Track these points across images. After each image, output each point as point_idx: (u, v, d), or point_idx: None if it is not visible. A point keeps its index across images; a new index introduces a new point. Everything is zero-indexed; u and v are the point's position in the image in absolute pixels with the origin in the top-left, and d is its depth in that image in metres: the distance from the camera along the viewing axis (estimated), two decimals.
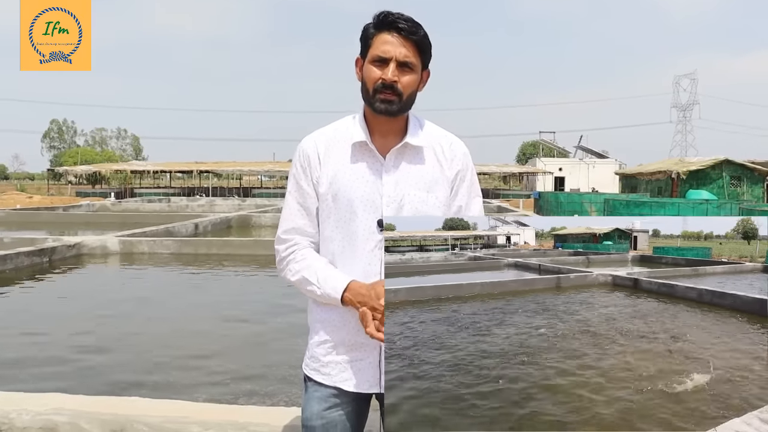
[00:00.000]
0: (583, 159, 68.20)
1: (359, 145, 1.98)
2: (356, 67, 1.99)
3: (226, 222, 20.89)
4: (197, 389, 5.18)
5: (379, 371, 1.98)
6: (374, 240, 1.94)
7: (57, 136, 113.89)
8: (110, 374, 5.67)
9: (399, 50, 1.87)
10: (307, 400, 2.07)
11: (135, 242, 13.78)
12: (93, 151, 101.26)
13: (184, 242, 14.17)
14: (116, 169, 61.85)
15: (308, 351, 2.10)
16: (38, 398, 3.40)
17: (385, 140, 1.98)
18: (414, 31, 1.88)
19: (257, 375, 5.58)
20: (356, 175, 1.96)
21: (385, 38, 1.88)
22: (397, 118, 1.95)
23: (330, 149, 2.00)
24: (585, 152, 74.41)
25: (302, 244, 2.03)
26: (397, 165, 1.97)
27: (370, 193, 1.95)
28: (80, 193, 52.22)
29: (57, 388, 3.93)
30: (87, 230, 19.70)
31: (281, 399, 4.92)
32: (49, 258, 11.98)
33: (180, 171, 65.88)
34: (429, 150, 2.01)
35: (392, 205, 1.95)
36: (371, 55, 1.90)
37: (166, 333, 7.20)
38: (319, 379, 2.03)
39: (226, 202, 35.50)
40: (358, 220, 1.94)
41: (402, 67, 1.89)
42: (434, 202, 1.99)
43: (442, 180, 2.01)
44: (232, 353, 6.30)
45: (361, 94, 1.97)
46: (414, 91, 1.94)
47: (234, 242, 14.59)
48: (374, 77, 1.89)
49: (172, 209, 30.48)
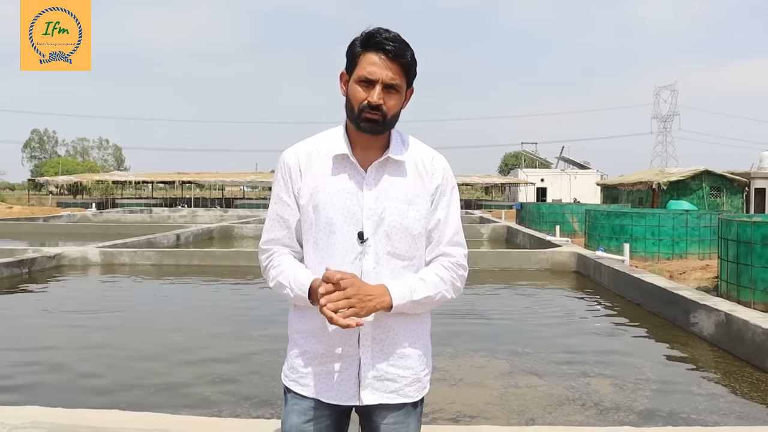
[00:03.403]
0: (564, 170, 68.52)
1: (341, 158, 1.99)
2: (341, 81, 2.01)
3: (208, 233, 20.79)
4: (178, 402, 5.14)
5: (358, 383, 1.97)
6: (354, 252, 1.95)
7: (38, 145, 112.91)
8: (89, 387, 5.60)
9: (385, 73, 1.89)
10: (286, 412, 2.07)
11: (116, 253, 13.67)
12: (74, 161, 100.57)
13: (166, 253, 14.08)
14: (98, 180, 61.39)
15: (287, 362, 2.10)
16: (16, 411, 3.36)
17: (367, 153, 2.00)
18: (401, 53, 1.90)
19: (240, 387, 5.54)
20: (337, 188, 1.97)
21: (372, 59, 1.89)
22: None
23: (311, 161, 2.01)
24: (567, 163, 74.82)
25: (279, 252, 2.05)
26: (379, 178, 1.98)
27: (351, 205, 1.96)
28: (61, 204, 51.76)
29: (34, 401, 3.89)
30: (68, 241, 19.56)
31: (266, 411, 4.89)
32: (29, 269, 11.86)
33: (162, 181, 65.55)
34: (410, 164, 2.02)
35: (373, 217, 1.95)
36: (357, 75, 1.91)
37: (145, 345, 7.13)
38: (298, 390, 2.03)
39: (208, 212, 35.30)
40: (339, 232, 1.95)
41: (388, 89, 1.90)
42: (415, 215, 1.99)
43: (422, 193, 2.01)
44: (214, 365, 6.26)
45: (345, 110, 1.98)
46: (398, 111, 1.97)
47: (216, 253, 14.53)
48: (360, 98, 1.91)
49: (154, 220, 30.26)
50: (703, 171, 29.37)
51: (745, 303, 8.19)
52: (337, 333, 1.95)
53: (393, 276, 1.96)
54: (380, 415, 2.01)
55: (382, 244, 1.96)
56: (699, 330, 7.37)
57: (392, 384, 1.99)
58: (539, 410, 4.98)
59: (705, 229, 14.65)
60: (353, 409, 2.06)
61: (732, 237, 9.01)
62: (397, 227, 1.97)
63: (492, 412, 4.95)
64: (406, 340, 2.02)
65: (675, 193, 28.33)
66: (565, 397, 5.27)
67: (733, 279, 8.89)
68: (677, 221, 14.79)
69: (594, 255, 12.47)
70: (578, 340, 7.40)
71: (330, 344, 1.98)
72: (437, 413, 4.82)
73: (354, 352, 1.97)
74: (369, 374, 1.97)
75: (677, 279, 10.99)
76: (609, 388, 5.54)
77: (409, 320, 2.00)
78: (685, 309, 7.77)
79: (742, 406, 5.20)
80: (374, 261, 1.95)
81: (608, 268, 10.95)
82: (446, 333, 7.34)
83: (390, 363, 1.99)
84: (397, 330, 1.99)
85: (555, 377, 5.83)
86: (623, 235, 14.71)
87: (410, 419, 2.05)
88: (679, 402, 5.20)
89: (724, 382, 5.83)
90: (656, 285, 8.83)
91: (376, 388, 1.98)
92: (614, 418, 4.83)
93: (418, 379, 2.05)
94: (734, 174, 30.86)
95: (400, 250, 1.98)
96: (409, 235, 1.98)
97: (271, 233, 2.06)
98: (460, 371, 6.02)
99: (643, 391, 5.45)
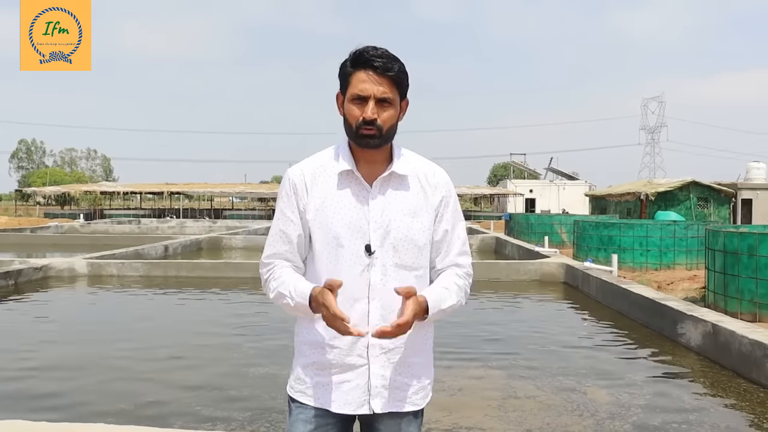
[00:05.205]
0: (553, 180, 68.76)
1: (346, 174, 2.05)
2: (337, 102, 2.08)
3: (197, 244, 20.70)
4: (170, 415, 5.10)
5: (368, 392, 2.02)
6: (362, 264, 2.01)
7: (25, 156, 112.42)
8: (73, 401, 5.55)
9: (376, 88, 1.96)
10: (292, 422, 2.10)
11: (104, 264, 13.59)
12: (62, 171, 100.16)
13: (154, 265, 14.01)
14: (86, 190, 61.04)
15: (293, 373, 2.14)
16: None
17: (371, 168, 2.06)
18: (389, 67, 1.97)
19: (233, 401, 5.51)
20: (343, 202, 2.03)
21: (362, 77, 1.97)
22: (380, 149, 2.03)
23: (317, 177, 2.07)
24: (555, 174, 75.13)
25: (281, 265, 2.09)
26: (383, 192, 2.05)
27: (358, 219, 2.02)
28: (49, 215, 51.37)
29: (17, 416, 3.85)
30: (55, 252, 19.43)
31: (260, 426, 4.86)
32: (15, 281, 11.76)
33: (150, 192, 65.22)
34: (413, 178, 2.09)
35: (379, 230, 2.02)
36: (350, 94, 1.99)
37: (135, 358, 7.08)
38: (305, 400, 2.07)
39: (196, 223, 35.16)
40: (346, 246, 2.01)
41: (381, 103, 1.97)
42: (419, 227, 2.06)
43: (426, 206, 2.09)
44: (204, 377, 6.22)
45: (345, 129, 2.05)
46: (394, 124, 2.03)
47: (204, 265, 14.47)
48: (355, 115, 1.98)
49: (142, 231, 30.13)
50: (691, 182, 29.53)
51: (732, 313, 8.23)
52: (346, 343, 2.01)
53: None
54: (384, 423, 2.07)
55: (389, 256, 2.02)
56: (686, 340, 7.39)
57: (401, 392, 2.06)
58: (537, 421, 4.98)
59: (692, 240, 14.72)
60: (356, 417, 2.10)
61: (719, 248, 9.05)
62: (403, 239, 2.03)
63: (489, 423, 4.95)
64: (413, 349, 2.08)
65: (663, 204, 28.45)
66: (563, 408, 5.28)
67: (721, 289, 8.93)
68: (665, 232, 14.86)
69: (582, 266, 12.51)
70: (569, 350, 7.40)
71: (339, 355, 2.02)
72: (433, 424, 4.81)
73: (363, 362, 2.02)
74: (379, 383, 2.02)
75: (665, 290, 11.03)
76: (605, 398, 5.55)
77: (416, 330, 2.04)
78: (672, 320, 7.79)
79: (731, 417, 5.21)
80: (381, 273, 2.01)
81: (596, 279, 10.97)
82: (439, 344, 7.31)
83: (398, 372, 2.05)
84: (404, 340, 2.04)
85: (551, 388, 5.84)
86: (611, 246, 14.77)
87: (412, 427, 2.10)
88: (670, 413, 5.21)
89: (713, 393, 5.85)
90: (644, 296, 8.85)
91: (385, 397, 2.03)
92: (610, 427, 4.84)
93: (423, 387, 2.12)
94: (721, 185, 31.05)
95: (406, 262, 2.04)
96: (415, 246, 2.05)
97: (273, 248, 2.10)
98: (457, 382, 6.01)
99: (637, 401, 5.47)
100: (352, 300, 1.99)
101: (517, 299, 11.64)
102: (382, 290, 2.00)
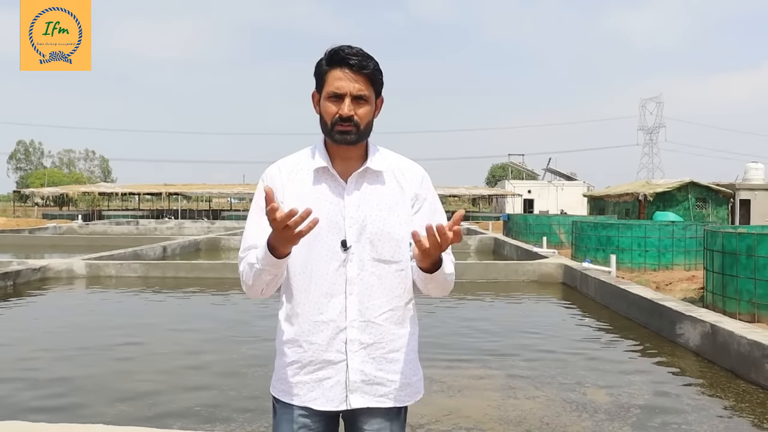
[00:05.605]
0: (551, 181, 68.79)
1: (321, 171, 2.07)
2: (313, 101, 2.12)
3: (195, 245, 20.71)
4: (170, 415, 5.10)
5: (346, 389, 2.02)
6: (338, 259, 2.02)
7: (24, 157, 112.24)
8: (73, 401, 5.55)
9: (352, 85, 1.99)
10: (277, 423, 2.11)
11: (102, 265, 13.59)
12: (60, 172, 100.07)
13: (152, 266, 14.01)
14: (84, 191, 61.00)
15: (275, 373, 2.15)
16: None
17: (346, 165, 2.08)
18: (364, 65, 2.00)
19: (233, 400, 5.51)
20: (319, 198, 2.04)
21: (338, 75, 1.99)
22: (356, 145, 2.05)
23: (293, 175, 2.09)
24: (553, 174, 75.20)
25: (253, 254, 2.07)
26: (359, 187, 2.06)
27: (333, 214, 2.03)
28: (47, 215, 51.30)
29: (17, 417, 3.85)
30: (53, 253, 19.42)
31: (260, 426, 4.86)
32: (14, 282, 11.76)
33: (149, 193, 65.22)
34: (389, 173, 2.11)
35: (355, 225, 2.03)
36: (326, 92, 2.01)
37: (134, 358, 7.09)
38: (288, 400, 2.07)
39: (195, 224, 35.16)
40: (323, 241, 2.01)
41: (357, 100, 2.00)
42: (396, 220, 2.06)
43: (402, 201, 2.09)
44: (203, 379, 6.22)
45: (320, 127, 2.07)
46: (370, 120, 2.06)
47: (203, 265, 14.46)
48: (331, 113, 2.00)
49: (141, 232, 30.12)
50: (689, 182, 29.56)
51: (730, 314, 8.23)
52: (324, 339, 2.01)
53: (380, 281, 2.04)
54: (364, 420, 2.06)
55: (367, 251, 2.03)
56: (685, 341, 7.40)
57: (382, 388, 2.04)
58: (536, 422, 4.99)
59: (691, 241, 14.73)
60: (340, 414, 2.10)
61: (717, 248, 9.06)
62: (380, 233, 2.04)
63: (489, 423, 4.95)
64: (394, 345, 2.07)
65: (661, 205, 28.47)
66: (562, 408, 5.29)
67: (719, 290, 8.93)
68: (663, 232, 14.86)
69: (581, 266, 12.51)
70: (569, 351, 7.40)
71: (317, 351, 2.03)
72: (434, 424, 4.80)
73: (341, 358, 2.02)
74: (357, 378, 2.02)
75: (663, 290, 11.03)
76: (604, 399, 5.56)
77: (396, 325, 2.07)
78: (671, 320, 7.80)
79: (730, 417, 5.22)
80: (358, 267, 2.02)
81: (595, 279, 10.98)
82: (439, 344, 7.35)
83: (378, 367, 2.04)
84: (384, 334, 2.04)
85: (551, 388, 5.85)
86: (610, 247, 14.77)
87: (394, 426, 2.09)
88: (669, 413, 5.21)
89: (711, 393, 5.86)
90: (642, 296, 8.86)
91: (365, 392, 2.02)
92: (609, 428, 4.85)
93: (409, 383, 2.10)
94: (720, 185, 31.09)
95: (384, 255, 2.04)
96: (392, 239, 2.05)
97: (249, 241, 2.09)
98: (457, 382, 6.03)
99: (636, 401, 5.47)
100: (329, 295, 2.01)
101: (516, 300, 11.65)
102: (360, 284, 2.01)
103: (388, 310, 2.05)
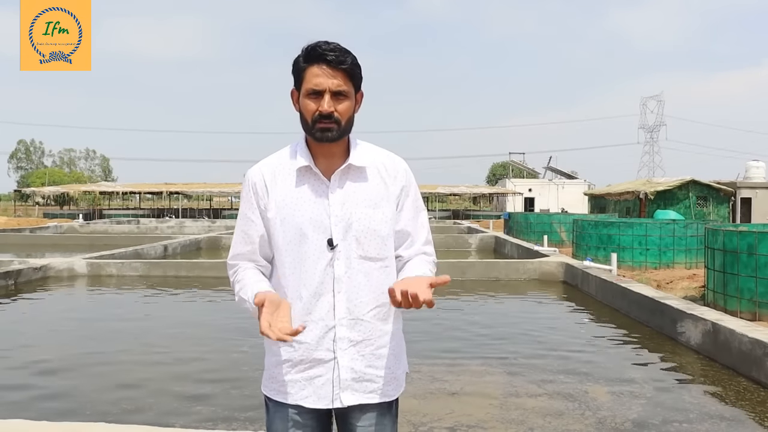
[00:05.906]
0: (552, 180, 68.77)
1: (304, 170, 2.06)
2: (292, 99, 2.10)
3: (196, 244, 20.71)
4: (171, 414, 5.10)
5: (338, 386, 2.03)
6: (325, 259, 2.02)
7: (24, 156, 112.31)
8: (74, 400, 5.55)
9: (331, 81, 1.97)
10: (270, 421, 2.12)
11: (103, 264, 13.59)
12: (61, 171, 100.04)
13: (153, 264, 14.01)
14: (85, 190, 61.03)
15: (266, 372, 2.16)
16: (0, 425, 3.32)
17: (329, 163, 2.07)
18: (342, 60, 1.98)
19: (234, 399, 5.51)
20: (303, 198, 2.04)
21: (316, 71, 1.98)
22: (337, 142, 2.04)
23: (276, 176, 2.08)
24: (554, 173, 75.14)
25: (244, 267, 2.13)
26: (342, 185, 2.06)
27: (318, 214, 2.03)
28: (48, 215, 51.36)
29: (18, 416, 3.85)
30: (54, 252, 19.43)
31: (261, 425, 4.85)
32: (15, 281, 11.76)
33: (149, 192, 65.25)
34: (372, 169, 2.10)
35: (340, 224, 2.03)
36: (305, 89, 2.00)
37: (132, 358, 7.09)
38: (280, 398, 2.08)
39: (195, 223, 35.13)
40: (309, 241, 2.02)
41: (336, 96, 1.98)
42: (381, 217, 2.07)
43: (386, 197, 2.09)
44: (205, 377, 6.23)
45: (301, 124, 2.06)
46: (351, 116, 2.05)
47: (203, 264, 14.46)
48: (311, 109, 1.99)
49: (141, 231, 30.11)
50: (690, 181, 29.57)
51: (731, 312, 8.23)
52: (313, 338, 2.02)
53: (367, 279, 2.04)
54: (356, 417, 2.07)
55: (353, 249, 2.03)
56: (686, 339, 7.40)
57: (371, 384, 2.06)
58: (538, 420, 4.98)
59: (692, 239, 14.72)
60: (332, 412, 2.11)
61: (718, 246, 9.06)
62: (365, 231, 2.04)
63: (491, 422, 4.94)
64: (381, 340, 2.08)
65: (662, 203, 28.49)
66: (564, 407, 5.29)
67: (720, 288, 8.93)
68: (664, 231, 14.85)
69: (582, 265, 12.51)
70: (570, 350, 7.40)
71: (307, 350, 2.03)
72: (435, 423, 4.79)
73: (331, 356, 2.02)
74: (347, 376, 2.03)
75: (664, 288, 11.03)
76: (606, 397, 5.56)
77: (383, 321, 2.08)
78: (672, 318, 7.80)
79: (731, 415, 5.21)
80: (346, 266, 2.03)
81: (596, 277, 10.98)
82: (440, 343, 7.34)
83: (367, 364, 2.05)
84: (372, 331, 2.05)
85: (552, 387, 5.85)
86: (611, 245, 14.76)
87: (386, 420, 2.10)
88: (671, 411, 5.21)
89: (712, 391, 5.85)
90: (643, 294, 8.86)
91: (355, 389, 2.03)
92: (611, 426, 4.84)
93: (395, 377, 2.12)
94: (720, 184, 31.10)
95: (370, 253, 2.05)
96: (378, 237, 2.06)
97: (236, 249, 2.15)
98: (459, 381, 6.02)
99: (638, 400, 5.47)
100: (318, 294, 2.01)
101: (517, 298, 11.65)
102: (348, 282, 2.02)
103: (375, 307, 2.06)
